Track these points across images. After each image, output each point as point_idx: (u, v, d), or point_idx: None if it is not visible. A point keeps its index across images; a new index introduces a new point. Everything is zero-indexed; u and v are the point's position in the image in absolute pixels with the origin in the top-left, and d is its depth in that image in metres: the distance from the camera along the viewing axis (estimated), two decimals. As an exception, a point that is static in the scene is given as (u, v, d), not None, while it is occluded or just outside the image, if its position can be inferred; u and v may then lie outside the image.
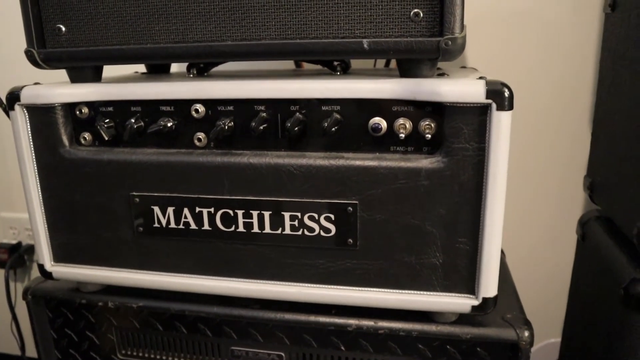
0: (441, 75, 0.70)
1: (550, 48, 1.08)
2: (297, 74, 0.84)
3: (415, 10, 0.60)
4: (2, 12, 1.32)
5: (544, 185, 1.15)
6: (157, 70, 0.95)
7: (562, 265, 1.18)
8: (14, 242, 1.47)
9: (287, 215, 0.67)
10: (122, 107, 0.71)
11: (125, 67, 0.88)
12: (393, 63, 1.04)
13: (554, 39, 1.07)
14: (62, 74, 0.78)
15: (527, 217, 1.17)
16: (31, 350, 1.51)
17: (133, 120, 0.70)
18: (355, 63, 0.82)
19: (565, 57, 1.08)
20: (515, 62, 1.10)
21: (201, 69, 0.81)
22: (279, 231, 0.68)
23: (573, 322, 1.08)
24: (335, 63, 0.76)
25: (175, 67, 1.02)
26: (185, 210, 0.70)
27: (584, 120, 1.10)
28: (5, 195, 1.47)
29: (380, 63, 1.08)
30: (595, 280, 0.93)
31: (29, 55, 0.72)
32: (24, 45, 0.71)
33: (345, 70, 0.77)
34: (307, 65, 1.03)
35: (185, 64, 0.83)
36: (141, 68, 0.98)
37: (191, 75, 0.80)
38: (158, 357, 0.81)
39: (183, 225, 0.71)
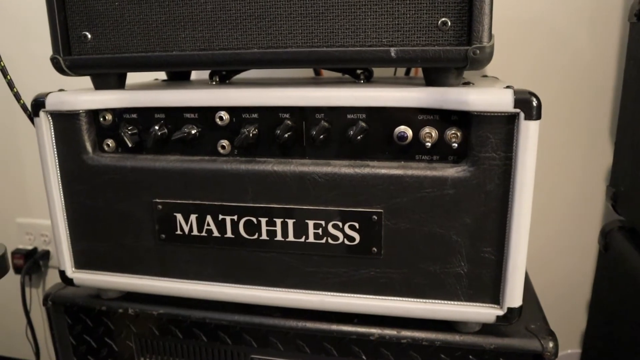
0: (466, 84, 0.69)
1: (569, 57, 1.08)
2: (317, 81, 0.84)
3: (443, 19, 0.60)
4: (25, 19, 1.33)
5: (563, 194, 1.15)
6: (178, 78, 0.95)
7: (582, 275, 1.17)
8: (29, 247, 1.48)
9: (311, 223, 0.67)
10: (146, 114, 0.72)
11: (145, 74, 0.89)
12: (414, 71, 1.04)
13: (574, 48, 1.07)
14: (74, 81, 0.78)
15: (547, 226, 1.16)
16: (45, 356, 1.51)
17: (157, 127, 0.70)
18: (376, 71, 0.82)
19: (585, 66, 1.07)
20: (534, 71, 1.10)
21: (223, 76, 0.81)
22: (303, 239, 0.68)
23: (594, 334, 1.07)
24: (359, 71, 0.76)
25: (194, 75, 1.02)
26: (208, 218, 0.70)
27: (604, 129, 1.09)
28: (21, 201, 1.48)
29: (400, 71, 1.08)
30: (618, 291, 0.92)
31: (54, 62, 0.72)
32: (44, 52, 0.72)
33: (368, 79, 0.77)
34: (327, 73, 1.04)
35: (205, 72, 0.83)
36: (161, 75, 0.99)
37: (214, 83, 0.81)
38: (177, 364, 0.81)
39: (205, 232, 0.71)
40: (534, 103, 0.58)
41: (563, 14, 1.06)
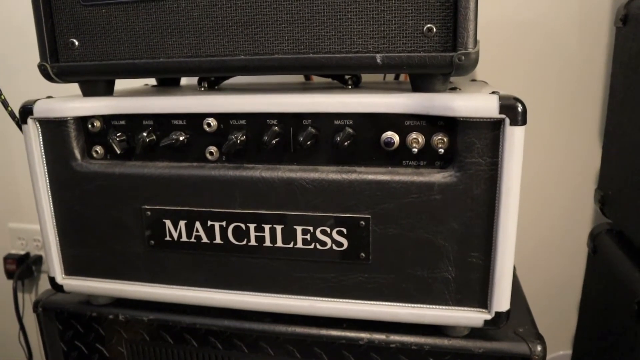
0: (453, 89, 0.70)
1: (558, 61, 1.08)
2: (307, 87, 0.84)
3: (429, 25, 0.60)
4: (11, 26, 1.33)
5: (553, 198, 1.15)
6: (168, 83, 0.95)
7: (572, 277, 1.17)
8: (22, 252, 1.47)
9: (299, 229, 0.67)
10: (134, 121, 0.72)
11: (135, 79, 0.89)
12: (403, 75, 1.04)
13: (563, 52, 1.07)
14: (64, 87, 0.78)
15: (537, 229, 1.17)
16: (38, 361, 1.51)
17: (145, 134, 0.70)
18: (365, 75, 0.82)
19: (574, 70, 1.08)
20: (524, 75, 1.10)
21: (212, 82, 0.81)
22: (291, 245, 0.68)
23: (584, 335, 1.07)
24: (347, 77, 0.77)
25: (184, 80, 1.02)
26: (197, 224, 0.70)
27: (593, 132, 1.10)
28: (13, 206, 1.48)
29: (390, 76, 1.08)
30: (607, 293, 0.93)
31: (42, 69, 0.72)
32: (33, 59, 0.72)
33: (356, 84, 0.77)
34: (316, 78, 1.04)
35: (194, 78, 0.83)
36: (151, 80, 0.99)
37: (202, 89, 0.81)
38: (168, 370, 0.81)
39: (194, 238, 0.71)
40: (519, 109, 0.58)
41: (553, 18, 1.06)
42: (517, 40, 1.09)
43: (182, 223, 0.71)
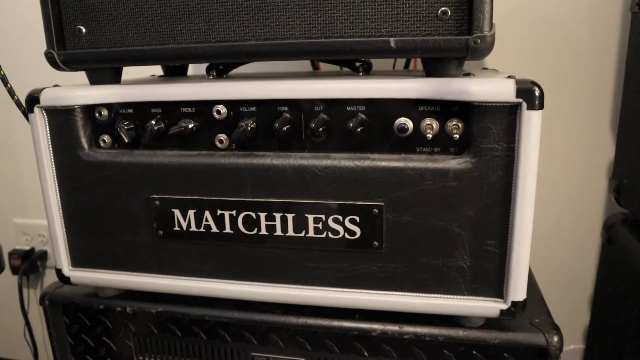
0: (466, 75, 0.68)
1: (570, 48, 1.07)
2: (316, 75, 0.83)
3: (443, 8, 0.59)
4: (16, 15, 1.32)
5: (565, 188, 1.14)
6: (174, 73, 0.94)
7: (585, 269, 1.16)
8: (27, 248, 1.46)
9: (310, 217, 0.66)
10: (142, 109, 0.71)
11: (141, 70, 0.88)
12: (412, 64, 1.03)
13: (575, 39, 1.06)
14: (69, 78, 0.77)
15: (549, 220, 1.15)
16: (44, 357, 1.50)
17: (153, 122, 0.69)
18: (375, 63, 0.81)
19: (586, 58, 1.06)
20: (534, 64, 1.09)
21: (220, 70, 0.80)
22: (303, 234, 0.67)
23: (598, 329, 1.06)
24: (358, 63, 0.75)
25: (192, 70, 1.01)
26: (207, 213, 0.69)
27: (605, 121, 1.08)
28: (18, 202, 1.47)
29: (400, 65, 1.07)
30: (623, 285, 0.91)
31: (49, 57, 0.71)
32: (39, 48, 0.71)
33: (367, 71, 0.76)
34: (325, 67, 1.02)
35: (202, 68, 0.82)
36: (158, 71, 0.98)
37: (211, 77, 0.80)
38: (176, 363, 0.80)
39: (204, 228, 0.70)
40: (537, 93, 0.57)
41: (563, 4, 1.05)
42: (528, 27, 1.08)
43: (191, 212, 0.70)
